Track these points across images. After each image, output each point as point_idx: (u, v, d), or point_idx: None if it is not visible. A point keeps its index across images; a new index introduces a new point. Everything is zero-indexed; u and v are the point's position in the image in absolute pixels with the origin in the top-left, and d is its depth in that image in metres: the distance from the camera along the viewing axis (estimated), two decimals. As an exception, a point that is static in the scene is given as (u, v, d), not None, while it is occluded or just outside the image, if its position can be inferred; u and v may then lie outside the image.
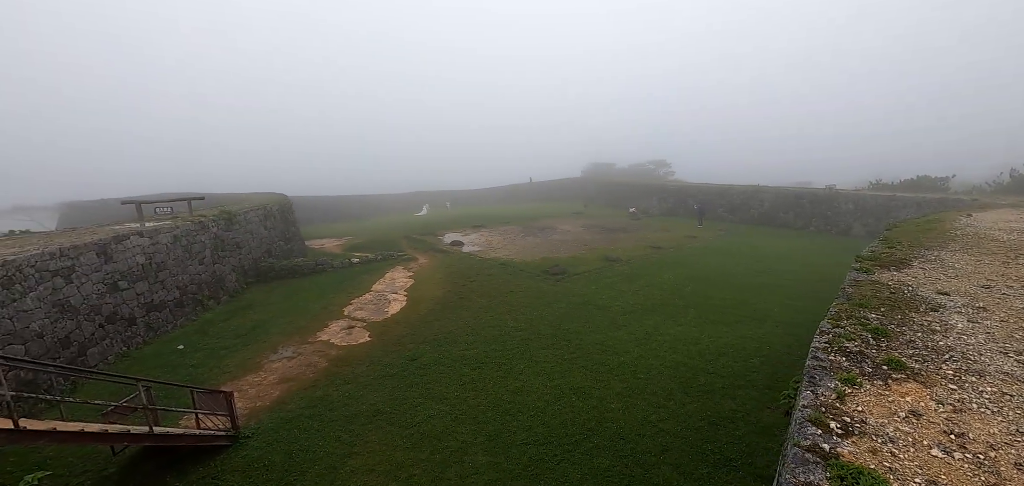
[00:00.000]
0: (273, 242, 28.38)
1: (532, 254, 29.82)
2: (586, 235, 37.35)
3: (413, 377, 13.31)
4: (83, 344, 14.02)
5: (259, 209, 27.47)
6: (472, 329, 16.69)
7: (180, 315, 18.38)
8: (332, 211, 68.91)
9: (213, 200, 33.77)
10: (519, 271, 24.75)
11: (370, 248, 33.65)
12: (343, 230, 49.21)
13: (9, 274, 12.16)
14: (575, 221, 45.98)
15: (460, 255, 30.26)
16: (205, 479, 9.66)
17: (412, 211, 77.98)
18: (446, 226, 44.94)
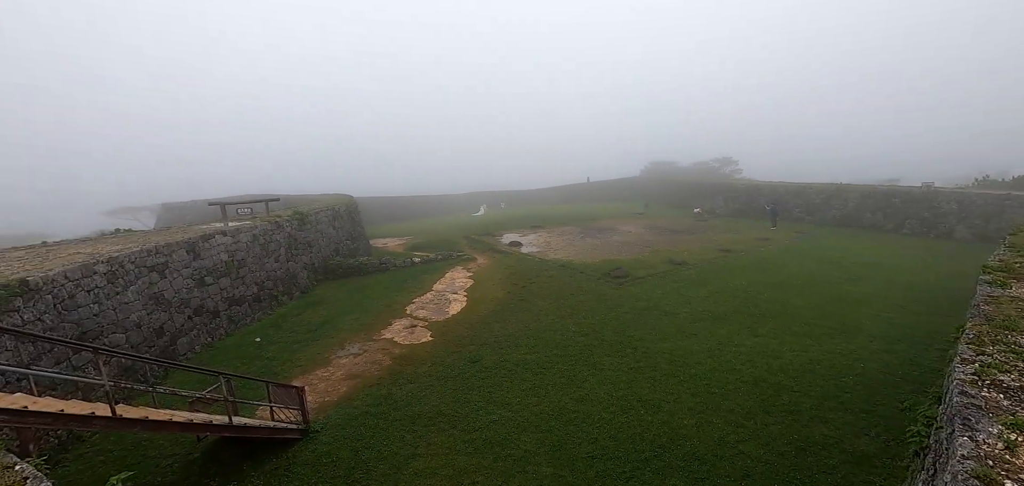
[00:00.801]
0: (341, 241, 29.61)
1: (592, 256, 29.05)
2: (648, 236, 35.95)
3: (474, 380, 13.18)
4: (174, 334, 15.16)
5: (328, 210, 28.76)
6: (533, 333, 16.36)
7: (257, 309, 19.51)
8: (393, 211, 71.29)
9: (287, 201, 35.84)
10: (579, 273, 24.13)
11: (430, 248, 34.28)
12: (404, 230, 50.67)
13: (114, 269, 13.34)
14: (636, 222, 44.48)
15: (519, 256, 30.06)
16: (278, 470, 9.98)
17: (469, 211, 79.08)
18: (504, 226, 45.00)
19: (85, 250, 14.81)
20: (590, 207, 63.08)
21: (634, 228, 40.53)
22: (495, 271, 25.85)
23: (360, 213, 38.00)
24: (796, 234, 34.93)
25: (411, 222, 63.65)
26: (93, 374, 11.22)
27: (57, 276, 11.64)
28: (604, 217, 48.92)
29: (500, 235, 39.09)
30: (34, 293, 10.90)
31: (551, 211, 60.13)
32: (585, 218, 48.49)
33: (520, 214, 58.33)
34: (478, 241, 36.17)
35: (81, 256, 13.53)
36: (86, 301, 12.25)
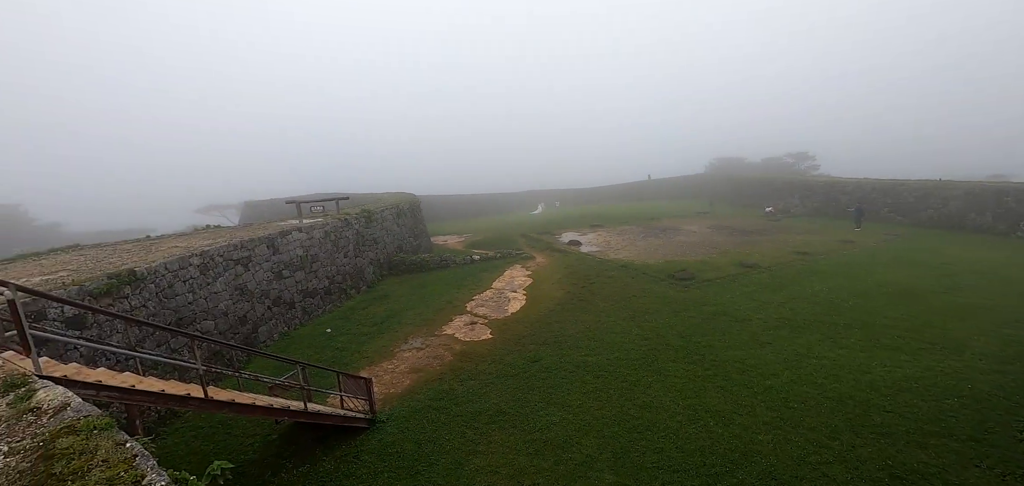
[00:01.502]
0: (404, 238, 30.65)
1: (655, 256, 28.06)
2: (715, 237, 34.20)
3: (534, 379, 13.09)
4: (256, 323, 16.32)
5: (392, 208, 29.86)
6: (594, 334, 16.02)
7: (328, 302, 20.60)
8: (452, 209, 72.90)
9: (355, 200, 37.58)
10: (642, 274, 23.38)
11: (489, 246, 34.65)
12: (463, 227, 51.63)
13: (205, 261, 14.57)
14: (701, 221, 42.50)
15: (578, 255, 29.63)
16: (347, 457, 10.41)
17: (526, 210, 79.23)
18: (562, 225, 44.58)
19: (181, 244, 16.30)
20: (651, 205, 61.11)
21: (698, 228, 38.74)
22: (554, 270, 25.65)
23: (422, 211, 39.11)
24: (885, 236, 31.79)
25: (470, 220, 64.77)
26: (188, 358, 12.31)
27: (159, 267, 12.88)
28: (666, 216, 47.19)
29: (559, 234, 38.76)
30: (140, 282, 12.11)
31: (610, 210, 58.87)
32: (646, 217, 47.01)
33: (579, 213, 57.57)
34: (536, 240, 36.09)
35: (178, 249, 14.90)
36: (182, 290, 13.47)
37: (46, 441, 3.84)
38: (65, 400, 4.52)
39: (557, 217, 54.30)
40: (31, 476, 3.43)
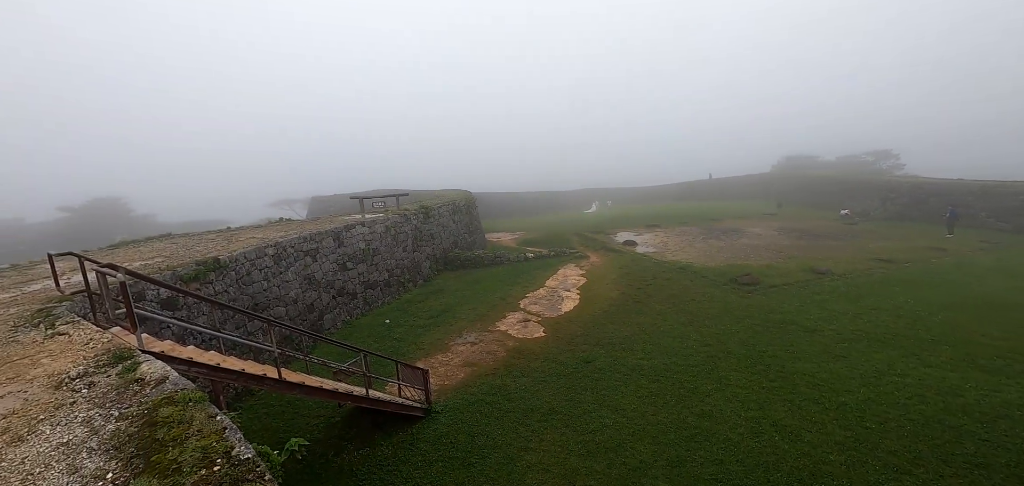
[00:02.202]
0: (460, 234, 31.30)
1: (716, 259, 26.90)
2: (782, 240, 32.25)
3: (587, 380, 12.97)
4: (321, 311, 17.31)
5: (449, 204, 30.57)
6: (650, 337, 15.62)
7: (387, 294, 21.46)
8: (506, 206, 73.44)
9: (414, 196, 38.75)
10: (701, 277, 22.49)
11: (543, 244, 34.64)
12: (516, 225, 51.92)
13: (279, 252, 15.64)
14: (767, 223, 40.21)
15: (634, 255, 28.98)
16: (404, 443, 10.81)
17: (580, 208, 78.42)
18: (617, 224, 43.75)
19: (258, 235, 17.57)
20: (712, 206, 58.57)
21: (764, 230, 36.69)
22: (609, 270, 25.24)
23: (477, 208, 39.74)
24: (981, 244, 28.58)
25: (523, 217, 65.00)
26: (262, 340, 13.26)
27: (239, 257, 13.97)
28: (728, 217, 45.06)
29: (613, 233, 38.09)
30: (223, 269, 13.20)
31: (668, 209, 57.03)
32: (707, 217, 45.13)
33: (634, 212, 56.25)
34: (591, 239, 35.65)
35: (255, 240, 16.08)
36: (259, 278, 14.53)
37: (150, 409, 4.30)
38: (164, 373, 5.04)
39: (612, 216, 53.34)
40: (138, 440, 3.86)
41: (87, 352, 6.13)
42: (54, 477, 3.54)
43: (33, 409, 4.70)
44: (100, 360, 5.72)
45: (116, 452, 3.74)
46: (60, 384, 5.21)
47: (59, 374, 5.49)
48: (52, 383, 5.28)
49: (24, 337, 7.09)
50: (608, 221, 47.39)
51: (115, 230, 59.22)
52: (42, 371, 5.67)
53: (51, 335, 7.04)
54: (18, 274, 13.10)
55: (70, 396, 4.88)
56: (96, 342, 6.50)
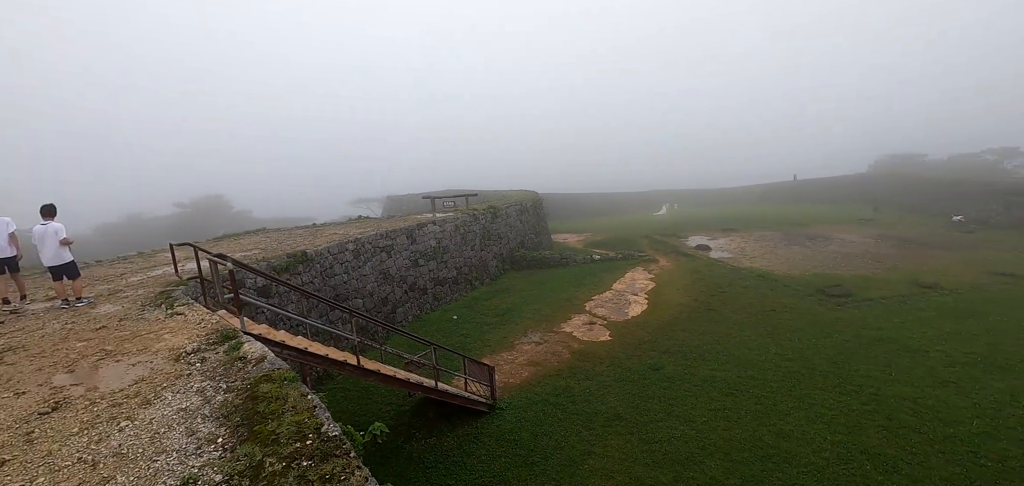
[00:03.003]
0: (526, 234, 31.57)
1: (800, 267, 24.99)
2: (880, 248, 29.25)
3: (655, 388, 12.59)
4: (395, 304, 18.23)
5: (516, 205, 30.93)
6: (723, 347, 14.85)
7: (455, 291, 22.14)
8: (572, 207, 72.84)
9: (483, 196, 39.60)
10: (783, 286, 21.00)
11: (610, 246, 34.00)
12: (583, 226, 51.35)
13: (358, 247, 16.70)
14: (861, 229, 36.65)
15: (707, 261, 27.66)
16: (468, 436, 11.12)
17: (649, 210, 75.94)
18: (689, 228, 41.92)
19: (339, 232, 18.86)
20: (797, 209, 54.30)
21: (858, 237, 33.46)
22: (679, 275, 24.28)
23: (544, 208, 39.84)
24: None
25: (590, 219, 64.13)
26: (342, 329, 14.21)
27: (323, 251, 15.09)
28: (816, 222, 41.58)
29: (685, 237, 36.57)
30: (309, 262, 14.33)
31: (745, 212, 53.71)
32: (790, 222, 41.97)
33: (708, 215, 53.57)
34: (660, 242, 34.48)
35: (337, 236, 17.29)
36: (340, 271, 15.61)
37: (251, 385, 4.81)
38: (263, 353, 5.60)
39: (683, 219, 51.17)
40: (243, 411, 4.34)
41: (199, 331, 6.95)
42: (176, 437, 4.07)
43: (158, 378, 5.43)
44: (210, 338, 6.46)
45: (225, 420, 4.24)
46: (178, 357, 5.96)
47: (177, 349, 6.28)
48: (172, 356, 6.05)
49: (149, 315, 8.17)
50: (679, 224, 45.53)
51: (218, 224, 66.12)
52: (164, 345, 6.51)
53: (170, 314, 8.05)
54: (144, 260, 15.06)
55: (187, 368, 5.58)
56: (206, 322, 7.35)
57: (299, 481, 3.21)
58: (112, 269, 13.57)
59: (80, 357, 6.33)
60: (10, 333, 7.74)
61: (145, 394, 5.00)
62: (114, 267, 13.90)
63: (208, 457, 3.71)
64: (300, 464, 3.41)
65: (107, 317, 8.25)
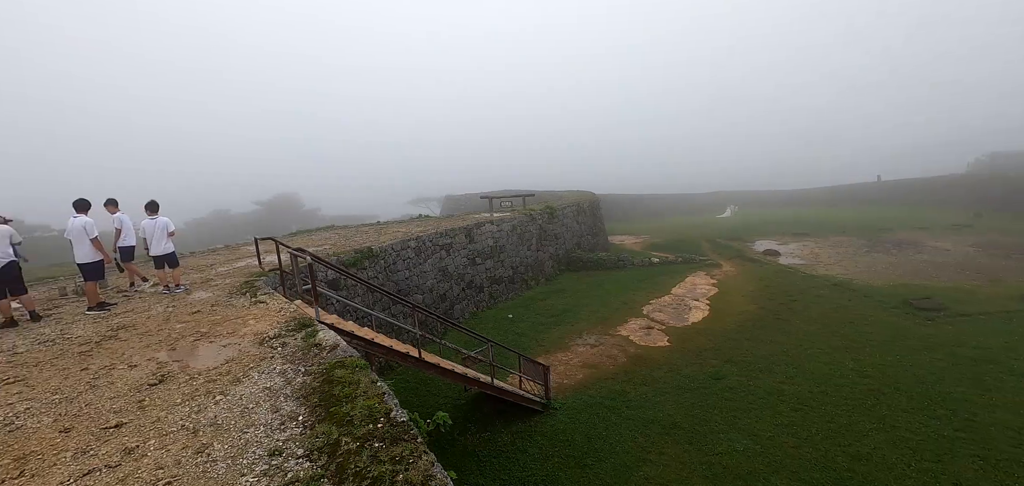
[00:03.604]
0: (582, 235, 31.31)
1: (883, 276, 23.01)
2: (980, 258, 26.30)
3: (716, 398, 12.11)
4: (453, 301, 18.76)
5: (573, 205, 30.77)
6: (792, 359, 14.01)
7: (511, 290, 22.40)
8: (632, 208, 71.19)
9: (540, 196, 39.71)
10: (862, 296, 19.44)
11: (669, 249, 32.97)
12: (640, 228, 50.08)
13: (419, 245, 17.36)
14: (958, 236, 33.10)
15: (776, 267, 26.14)
16: (522, 433, 11.25)
17: (712, 212, 72.70)
18: (757, 231, 39.77)
19: (402, 230, 19.68)
20: (880, 213, 49.90)
21: (953, 245, 30.25)
22: (745, 281, 23.13)
23: (601, 209, 39.30)
24: None
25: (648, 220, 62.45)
26: (404, 322, 14.83)
27: (387, 248, 15.84)
28: (903, 227, 38.03)
29: (751, 241, 34.74)
30: (375, 258, 15.10)
31: (821, 216, 50.07)
32: (872, 227, 38.66)
33: (778, 217, 50.46)
34: (724, 246, 32.98)
35: (400, 234, 18.05)
36: (402, 267, 16.30)
37: (327, 369, 5.21)
38: (336, 341, 6.03)
39: (751, 222, 48.56)
40: (319, 393, 4.71)
41: (279, 318, 7.57)
42: (262, 413, 4.50)
43: (245, 359, 5.99)
44: (289, 326, 7.03)
45: (304, 400, 4.63)
46: (262, 341, 6.54)
47: (261, 334, 6.88)
48: (257, 340, 6.64)
49: (236, 302, 8.99)
50: (746, 227, 43.26)
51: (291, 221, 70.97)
52: (249, 330, 7.15)
53: (254, 302, 8.81)
54: (230, 252, 16.51)
55: (270, 352, 6.11)
56: (285, 311, 7.99)
57: (372, 460, 3.47)
58: (203, 260, 15.02)
59: (180, 337, 7.10)
60: (123, 313, 8.81)
61: (235, 373, 5.54)
62: (205, 258, 15.36)
63: (290, 433, 4.07)
64: (372, 445, 3.68)
65: (201, 303, 9.18)
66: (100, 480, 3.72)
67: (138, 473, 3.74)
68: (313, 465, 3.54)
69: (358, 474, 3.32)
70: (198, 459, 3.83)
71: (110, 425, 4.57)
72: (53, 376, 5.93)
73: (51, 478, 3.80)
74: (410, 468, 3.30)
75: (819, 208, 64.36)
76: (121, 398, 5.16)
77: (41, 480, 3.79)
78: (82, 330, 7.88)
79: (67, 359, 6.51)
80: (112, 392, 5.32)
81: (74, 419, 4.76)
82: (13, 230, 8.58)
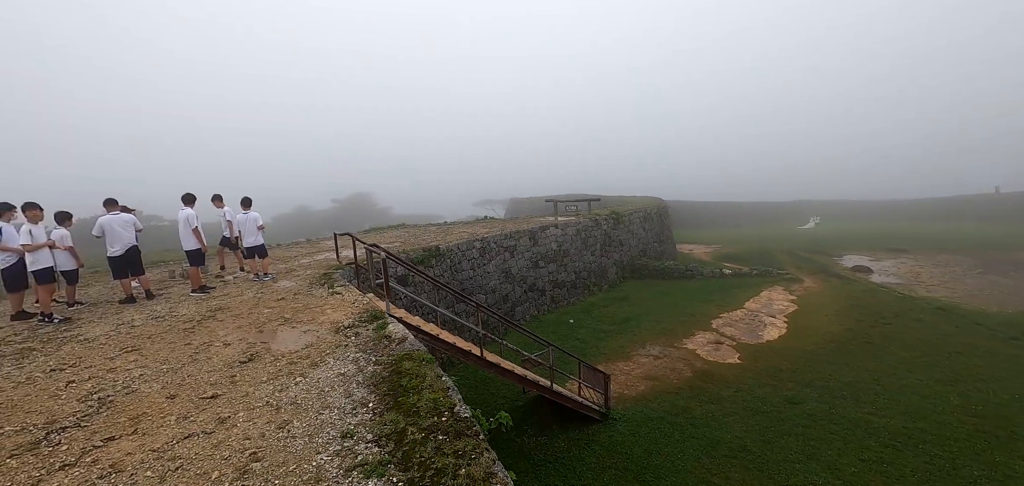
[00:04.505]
0: (648, 243, 30.38)
1: (999, 302, 20.26)
2: None
3: (792, 424, 11.25)
4: (514, 303, 18.92)
5: (640, 211, 29.94)
6: (884, 389, 12.71)
7: (573, 295, 22.21)
8: (699, 216, 68.03)
9: (606, 201, 39.04)
10: (972, 324, 17.23)
11: (742, 260, 31.14)
12: (710, 237, 47.70)
13: (484, 246, 17.71)
14: (1101, 264, 28.35)
15: (867, 285, 23.85)
16: (578, 441, 11.09)
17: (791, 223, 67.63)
18: (844, 245, 36.54)
19: (467, 231, 20.16)
20: (997, 229, 43.87)
21: (1095, 273, 25.97)
22: (829, 299, 21.31)
23: (669, 216, 37.91)
24: None
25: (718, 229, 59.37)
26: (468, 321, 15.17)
27: (453, 247, 16.31)
28: None
29: (837, 255, 31.95)
30: (441, 256, 15.60)
31: (922, 230, 44.96)
32: (986, 244, 34.13)
33: (869, 230, 45.98)
34: (806, 259, 30.59)
35: (465, 235, 18.51)
36: (466, 267, 16.70)
37: (396, 360, 5.47)
38: (404, 334, 6.30)
39: (837, 234, 44.61)
40: (388, 383, 4.96)
41: (354, 309, 8.04)
42: (337, 397, 4.81)
43: (323, 345, 6.42)
44: (362, 316, 7.45)
45: (375, 388, 4.89)
46: (338, 330, 6.98)
47: (337, 323, 7.34)
48: (333, 328, 7.10)
49: (316, 292, 9.66)
50: (831, 240, 39.79)
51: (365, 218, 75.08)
52: (327, 318, 7.66)
53: (331, 293, 9.42)
54: (310, 246, 17.77)
55: (344, 340, 6.51)
56: (359, 302, 8.48)
57: (436, 451, 3.60)
58: (287, 252, 16.29)
59: (267, 321, 7.75)
60: (221, 297, 9.77)
61: (313, 357, 5.96)
62: (289, 250, 16.65)
63: (361, 418, 4.32)
64: (437, 437, 3.81)
65: (285, 291, 9.96)
66: (197, 443, 4.16)
67: (228, 441, 4.14)
68: (381, 450, 3.73)
69: (423, 464, 3.45)
70: (279, 434, 4.17)
71: (207, 396, 5.09)
72: (162, 348, 6.70)
73: (158, 438, 4.30)
74: (472, 463, 3.38)
75: (921, 222, 57.82)
76: (216, 372, 5.72)
77: (150, 438, 4.30)
78: (186, 309, 8.84)
79: (174, 334, 7.33)
80: (209, 366, 5.92)
81: (178, 388, 5.36)
82: (136, 219, 9.83)
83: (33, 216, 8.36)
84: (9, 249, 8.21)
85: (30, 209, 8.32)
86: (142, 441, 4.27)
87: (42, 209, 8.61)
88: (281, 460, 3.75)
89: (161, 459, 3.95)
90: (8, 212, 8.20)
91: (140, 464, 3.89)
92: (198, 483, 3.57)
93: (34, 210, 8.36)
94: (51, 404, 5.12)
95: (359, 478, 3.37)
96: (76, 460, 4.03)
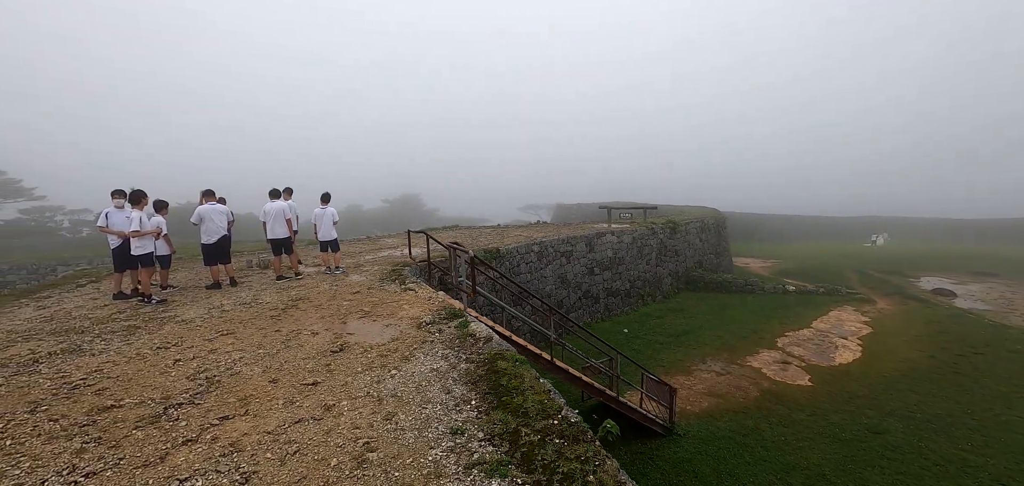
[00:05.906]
0: (705, 254, 29.34)
1: (1112, 339, 18.13)
2: None
3: (874, 455, 10.48)
4: (568, 309, 18.71)
5: (696, 222, 28.98)
6: (981, 425, 11.62)
7: (627, 304, 21.73)
8: (753, 228, 65.16)
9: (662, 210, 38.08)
10: (1081, 361, 15.52)
11: (804, 277, 29.53)
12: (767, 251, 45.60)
13: (541, 251, 17.63)
14: None
15: (950, 310, 22.03)
16: (641, 454, 10.77)
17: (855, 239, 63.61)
18: (920, 265, 34.00)
19: (524, 234, 20.16)
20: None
21: None
22: (907, 323, 19.80)
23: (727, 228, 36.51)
24: None
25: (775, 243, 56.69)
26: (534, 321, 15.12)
27: (512, 250, 16.33)
28: None
29: (913, 276, 29.72)
30: (501, 258, 15.65)
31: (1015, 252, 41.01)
32: (1092, 276, 30.74)
33: (948, 250, 42.48)
34: (877, 279, 28.64)
35: (522, 238, 18.50)
36: (524, 270, 16.67)
37: (488, 359, 5.46)
38: (488, 334, 6.30)
39: (908, 253, 41.51)
40: (486, 382, 4.94)
41: (430, 306, 8.14)
42: (435, 392, 4.84)
43: (407, 339, 6.52)
44: (440, 314, 7.52)
45: (472, 386, 4.88)
46: (419, 326, 7.07)
47: (417, 318, 7.46)
48: (414, 324, 7.21)
49: (387, 287, 9.88)
50: (904, 259, 37.04)
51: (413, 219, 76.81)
52: (405, 314, 7.79)
53: (403, 289, 9.60)
54: (371, 243, 18.29)
55: (428, 336, 6.59)
56: (433, 299, 8.59)
57: (557, 455, 3.52)
58: (352, 247, 16.83)
59: (348, 313, 7.98)
60: (298, 286, 10.18)
61: (402, 351, 6.06)
62: (353, 247, 17.20)
63: (466, 415, 4.31)
64: (553, 440, 3.73)
65: (358, 284, 10.26)
66: (309, 429, 4.28)
67: (339, 429, 4.23)
68: (496, 449, 3.69)
69: (546, 467, 3.38)
70: (388, 425, 4.23)
71: (307, 382, 5.25)
72: (254, 333, 7.02)
73: (269, 420, 4.46)
74: (599, 471, 3.28)
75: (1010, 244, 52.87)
76: (311, 360, 5.92)
77: (262, 420, 4.46)
78: (269, 297, 9.26)
79: (262, 320, 7.67)
80: (303, 354, 6.13)
81: (278, 372, 5.57)
82: (229, 209, 10.42)
83: (140, 205, 9.02)
84: (115, 233, 8.91)
85: (140, 198, 8.97)
86: (255, 423, 4.43)
87: (148, 197, 9.28)
88: (396, 452, 3.79)
89: (277, 442, 4.08)
90: (142, 200, 8.93)
91: (258, 445, 4.03)
92: (319, 469, 3.65)
93: (143, 199, 9.02)
94: (163, 380, 5.43)
95: (481, 477, 3.34)
96: (196, 436, 4.22)
